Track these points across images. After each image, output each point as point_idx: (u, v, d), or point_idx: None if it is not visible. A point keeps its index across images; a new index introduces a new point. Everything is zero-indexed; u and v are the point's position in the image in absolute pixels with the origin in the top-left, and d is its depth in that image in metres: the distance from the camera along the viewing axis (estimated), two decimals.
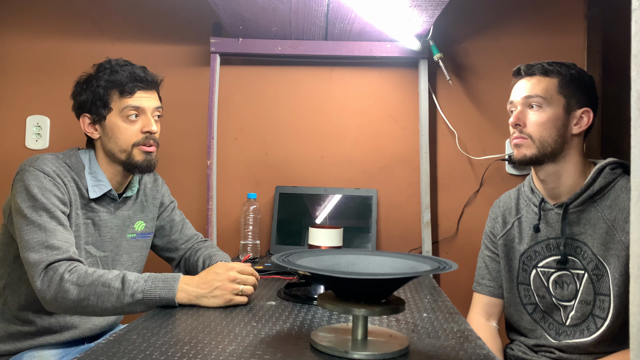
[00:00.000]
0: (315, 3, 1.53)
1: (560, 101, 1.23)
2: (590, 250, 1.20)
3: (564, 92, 1.23)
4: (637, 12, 0.42)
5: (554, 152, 1.23)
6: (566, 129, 1.23)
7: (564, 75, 1.23)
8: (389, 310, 0.75)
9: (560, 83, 1.23)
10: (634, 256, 0.43)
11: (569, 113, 1.23)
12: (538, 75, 1.25)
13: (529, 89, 1.25)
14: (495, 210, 1.43)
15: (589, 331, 1.20)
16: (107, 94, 1.23)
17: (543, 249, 1.28)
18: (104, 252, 1.28)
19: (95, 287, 1.03)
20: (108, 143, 1.25)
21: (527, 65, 1.27)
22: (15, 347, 1.23)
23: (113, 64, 1.25)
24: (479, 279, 1.44)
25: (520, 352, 1.33)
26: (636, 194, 0.42)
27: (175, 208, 1.46)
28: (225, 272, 1.03)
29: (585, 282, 1.21)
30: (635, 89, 0.42)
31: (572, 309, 1.23)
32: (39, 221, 1.10)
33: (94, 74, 1.26)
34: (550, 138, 1.22)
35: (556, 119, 1.22)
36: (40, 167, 1.16)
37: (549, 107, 1.22)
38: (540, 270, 1.28)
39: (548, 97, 1.22)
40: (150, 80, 1.27)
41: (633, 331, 0.43)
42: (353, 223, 1.80)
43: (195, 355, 0.74)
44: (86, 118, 1.26)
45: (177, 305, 1.02)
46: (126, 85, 1.23)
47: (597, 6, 1.84)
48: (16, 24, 1.94)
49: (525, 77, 1.27)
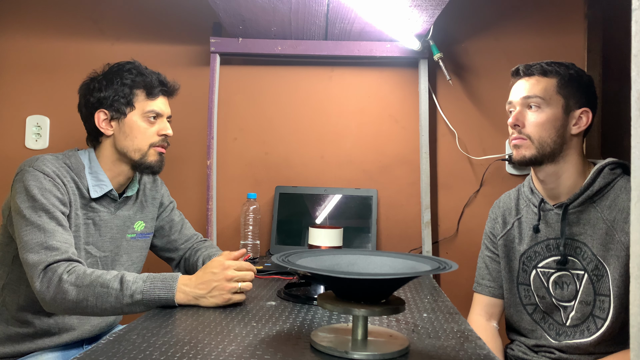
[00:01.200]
0: (315, 3, 1.53)
1: (559, 101, 1.22)
2: (590, 250, 1.20)
3: (563, 92, 1.22)
4: (637, 12, 0.42)
5: (553, 152, 1.22)
6: (565, 129, 1.23)
7: (562, 75, 1.23)
8: (389, 310, 0.75)
9: (559, 83, 1.23)
10: (634, 256, 0.43)
11: (567, 113, 1.23)
12: (537, 76, 1.24)
13: (527, 89, 1.24)
14: (495, 210, 1.43)
15: (589, 332, 1.20)
16: (132, 93, 1.26)
17: (543, 249, 1.28)
18: (104, 252, 1.28)
19: (94, 288, 1.03)
20: (123, 141, 1.26)
21: (525, 66, 1.27)
22: (14, 350, 1.22)
23: (137, 65, 1.29)
24: (479, 280, 1.44)
25: (520, 353, 1.33)
26: (636, 194, 0.42)
27: (175, 208, 1.46)
28: (222, 272, 1.03)
29: (585, 283, 1.21)
30: (635, 89, 0.42)
31: (572, 309, 1.23)
32: (38, 222, 1.10)
33: (115, 72, 1.27)
34: (549, 138, 1.22)
35: (555, 119, 1.22)
36: (40, 168, 1.16)
37: (548, 107, 1.22)
38: (540, 270, 1.28)
39: (547, 97, 1.22)
40: (172, 87, 1.34)
41: (633, 331, 0.43)
42: (353, 223, 1.79)
43: (195, 355, 0.74)
44: (102, 114, 1.26)
45: (176, 305, 1.02)
46: (154, 88, 1.27)
47: (597, 6, 1.84)
48: (16, 24, 1.94)
49: (523, 77, 1.27)
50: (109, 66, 1.30)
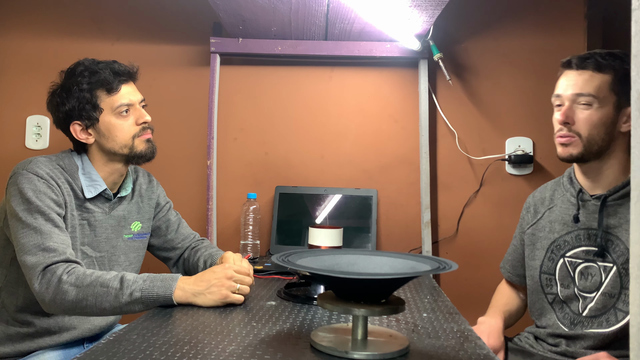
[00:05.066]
0: (315, 3, 1.53)
1: (612, 99, 1.16)
2: (624, 244, 1.18)
3: (617, 89, 1.16)
4: (637, 12, 0.42)
5: (600, 150, 1.19)
6: (615, 126, 1.18)
7: (617, 71, 1.16)
8: (389, 310, 0.75)
9: (613, 80, 1.16)
10: (634, 256, 0.43)
11: (619, 111, 1.17)
12: (591, 71, 1.17)
13: (580, 85, 1.18)
14: (529, 200, 1.43)
15: (609, 323, 1.18)
16: (94, 95, 1.22)
17: (573, 239, 1.26)
18: (99, 253, 1.28)
19: (94, 288, 1.04)
20: (107, 143, 1.25)
21: (579, 58, 1.19)
22: (15, 349, 1.22)
23: (87, 65, 1.24)
24: (505, 262, 1.49)
25: (527, 345, 1.32)
26: (636, 194, 0.43)
27: (171, 209, 1.47)
28: (222, 271, 1.06)
29: (612, 275, 1.19)
30: (635, 89, 0.42)
31: (591, 300, 1.21)
32: (34, 224, 1.11)
33: (70, 80, 1.24)
34: (599, 136, 1.17)
35: (607, 117, 1.17)
36: (34, 170, 1.16)
37: (600, 106, 1.16)
38: (567, 260, 1.26)
39: (600, 96, 1.16)
40: (130, 72, 1.28)
41: (633, 331, 0.43)
42: (353, 223, 1.79)
43: (195, 355, 0.74)
44: (77, 125, 1.24)
45: (175, 303, 1.02)
46: (112, 82, 1.22)
47: (597, 6, 1.84)
48: (16, 24, 1.94)
49: (576, 70, 1.19)
50: (63, 74, 1.27)
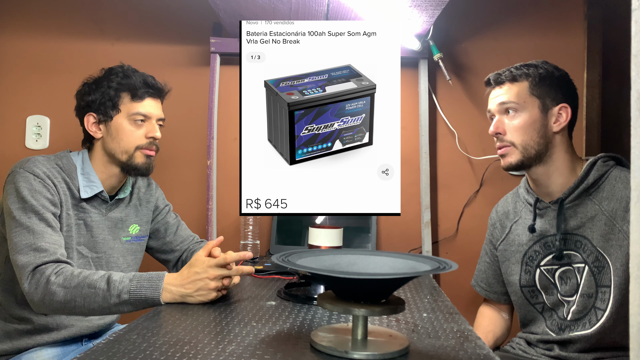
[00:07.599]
0: (315, 3, 1.53)
1: (535, 102, 1.23)
2: (590, 242, 1.20)
3: (536, 92, 1.23)
4: (637, 12, 0.42)
5: (538, 154, 1.23)
6: (546, 128, 1.23)
7: (532, 77, 1.23)
8: (389, 310, 0.75)
9: (530, 85, 1.23)
10: (634, 256, 0.43)
11: (545, 112, 1.23)
12: (507, 83, 1.25)
13: (501, 96, 1.25)
14: (493, 216, 1.44)
15: (590, 324, 1.19)
16: (117, 95, 1.27)
17: (542, 247, 1.28)
18: (96, 254, 1.29)
19: (82, 289, 1.04)
20: (111, 143, 1.27)
21: (495, 74, 1.28)
22: (13, 346, 1.23)
23: (125, 69, 1.30)
24: (478, 279, 1.48)
25: (520, 350, 1.33)
26: (636, 194, 0.42)
27: (170, 211, 1.48)
28: (205, 271, 1.04)
29: (586, 276, 1.21)
30: (635, 89, 0.42)
31: (573, 303, 1.23)
32: (28, 223, 1.12)
33: (104, 76, 1.30)
34: (532, 141, 1.22)
35: (534, 121, 1.22)
36: (31, 169, 1.17)
37: (524, 110, 1.22)
38: (543, 269, 1.28)
39: (521, 101, 1.23)
40: (160, 88, 1.33)
41: (633, 331, 0.43)
42: (353, 223, 1.79)
43: (195, 355, 0.74)
44: (91, 117, 1.28)
45: (162, 304, 1.03)
46: (138, 90, 1.28)
47: (597, 6, 1.84)
48: (16, 24, 1.94)
49: (495, 86, 1.28)
50: (103, 70, 1.32)
